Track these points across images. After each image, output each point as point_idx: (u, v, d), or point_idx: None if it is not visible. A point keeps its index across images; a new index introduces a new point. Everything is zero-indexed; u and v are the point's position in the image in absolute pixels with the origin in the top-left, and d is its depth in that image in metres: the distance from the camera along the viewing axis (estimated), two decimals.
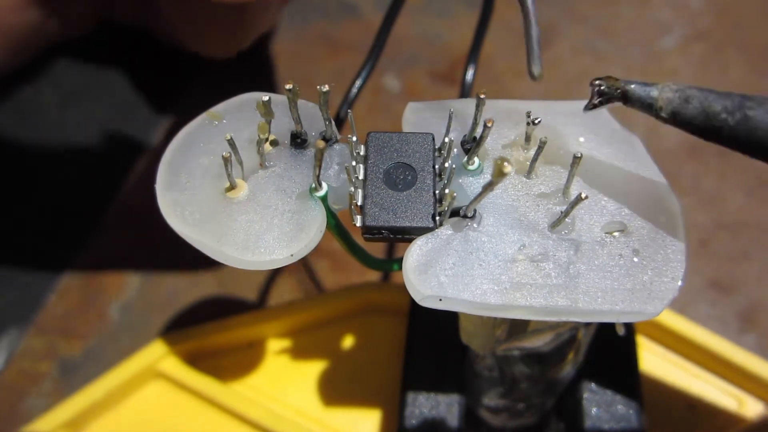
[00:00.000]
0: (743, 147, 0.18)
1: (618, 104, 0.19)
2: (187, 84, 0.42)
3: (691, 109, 0.18)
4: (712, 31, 0.45)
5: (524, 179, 0.22)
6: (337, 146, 0.22)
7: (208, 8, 0.21)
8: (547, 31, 0.45)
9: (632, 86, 0.18)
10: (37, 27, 0.37)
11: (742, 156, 0.43)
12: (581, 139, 0.22)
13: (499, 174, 0.18)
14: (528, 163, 0.21)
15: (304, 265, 0.37)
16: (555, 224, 0.20)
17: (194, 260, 0.39)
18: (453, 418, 0.28)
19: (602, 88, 0.19)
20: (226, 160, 0.20)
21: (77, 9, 0.37)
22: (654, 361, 0.32)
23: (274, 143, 0.22)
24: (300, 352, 0.33)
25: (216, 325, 0.33)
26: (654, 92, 0.18)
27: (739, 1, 0.47)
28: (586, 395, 0.28)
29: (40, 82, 0.44)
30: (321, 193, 0.21)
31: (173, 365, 0.32)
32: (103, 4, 0.39)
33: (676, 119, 0.18)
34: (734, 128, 0.17)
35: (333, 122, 0.22)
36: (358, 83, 0.28)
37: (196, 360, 0.33)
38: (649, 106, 0.18)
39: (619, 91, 0.19)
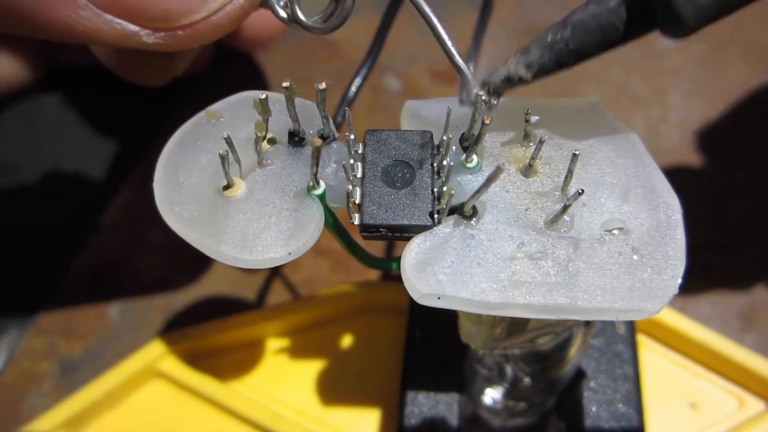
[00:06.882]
0: (596, 48, 0.18)
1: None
2: (186, 83, 0.42)
3: (534, 54, 0.19)
4: (712, 31, 0.45)
5: (523, 177, 0.21)
6: (335, 144, 0.22)
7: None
8: None
9: (486, 78, 0.20)
10: None
11: (743, 156, 0.43)
12: (580, 137, 0.22)
13: (497, 171, 0.18)
14: (527, 160, 0.21)
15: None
16: (554, 222, 0.20)
17: (193, 259, 0.39)
18: (453, 418, 0.28)
19: (474, 101, 0.20)
20: (223, 158, 0.20)
21: (22, 59, 0.37)
22: (655, 359, 0.32)
23: (271, 141, 0.22)
24: (299, 351, 0.33)
25: (215, 324, 0.33)
26: (503, 68, 0.19)
27: None
28: (586, 394, 0.28)
29: (39, 84, 0.44)
30: (319, 191, 0.21)
31: (173, 365, 0.32)
32: (46, 53, 0.39)
33: (534, 70, 0.19)
34: (574, 38, 0.18)
35: (331, 120, 0.22)
36: (357, 82, 0.28)
37: (195, 359, 0.33)
38: (510, 80, 0.19)
39: (486, 91, 0.20)
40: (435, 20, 0.20)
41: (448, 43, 0.20)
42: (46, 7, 0.18)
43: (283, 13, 0.21)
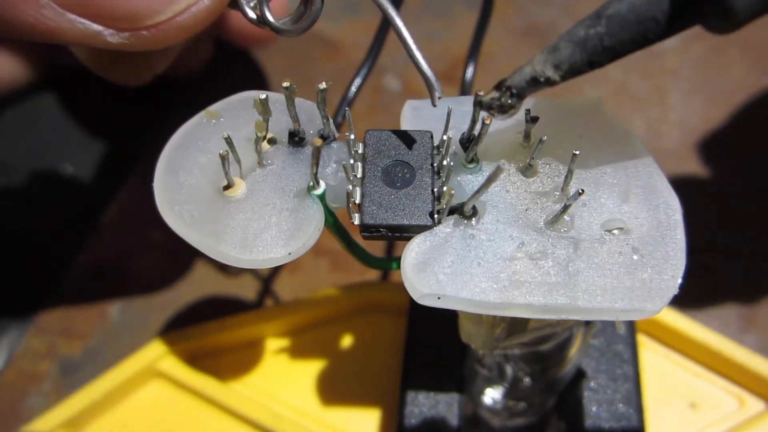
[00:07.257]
0: (632, 45, 0.17)
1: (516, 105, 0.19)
2: (186, 83, 0.42)
3: (564, 52, 0.17)
4: None
5: (523, 177, 0.21)
6: (335, 144, 0.22)
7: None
8: (547, 30, 0.45)
9: (509, 80, 0.18)
10: None
11: (743, 155, 0.42)
12: (580, 137, 0.22)
13: (497, 170, 0.18)
14: (527, 160, 0.21)
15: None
16: (554, 222, 0.20)
17: (193, 259, 0.39)
18: (453, 418, 0.28)
19: (490, 103, 0.19)
20: (224, 158, 0.20)
21: (21, 59, 0.37)
22: (655, 359, 0.32)
23: (272, 141, 0.22)
24: (299, 351, 0.33)
25: (215, 324, 0.33)
26: (527, 68, 0.17)
27: None
28: (586, 394, 0.28)
29: (39, 84, 0.44)
30: (319, 191, 0.21)
31: (173, 365, 0.32)
32: (45, 54, 0.39)
33: (564, 70, 0.17)
34: (609, 33, 0.16)
35: (331, 120, 0.22)
36: (357, 82, 0.28)
37: (195, 359, 0.33)
38: (536, 81, 0.17)
39: (506, 93, 0.18)
40: (398, 20, 0.19)
41: (413, 47, 0.20)
42: (8, 6, 0.18)
43: (252, 14, 0.21)
